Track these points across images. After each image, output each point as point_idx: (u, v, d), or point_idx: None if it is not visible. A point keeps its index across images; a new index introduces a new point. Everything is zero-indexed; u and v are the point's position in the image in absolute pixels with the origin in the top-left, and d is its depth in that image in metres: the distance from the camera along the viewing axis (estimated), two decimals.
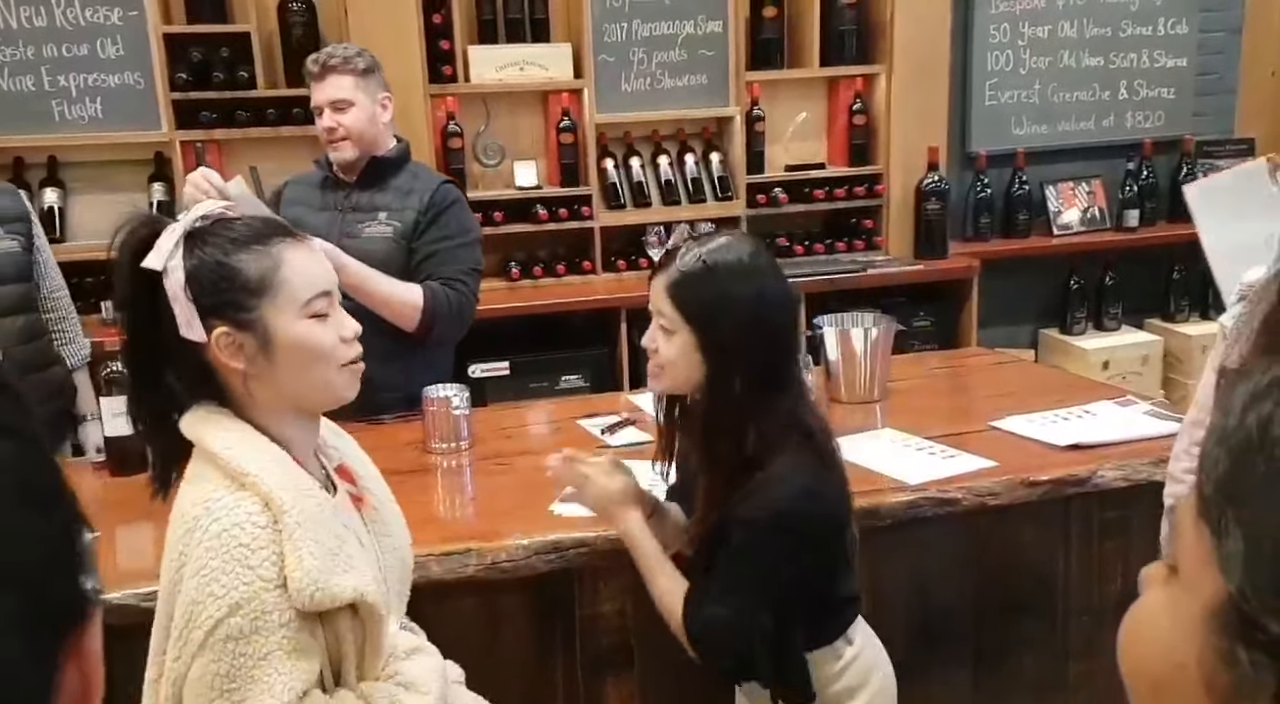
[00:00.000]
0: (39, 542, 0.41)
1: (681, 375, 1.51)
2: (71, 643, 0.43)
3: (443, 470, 2.18)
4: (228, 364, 1.24)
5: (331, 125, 2.46)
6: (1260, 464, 0.40)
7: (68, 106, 3.38)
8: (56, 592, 0.42)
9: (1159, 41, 4.37)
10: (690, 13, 3.77)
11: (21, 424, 0.42)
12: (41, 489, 0.42)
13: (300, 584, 1.16)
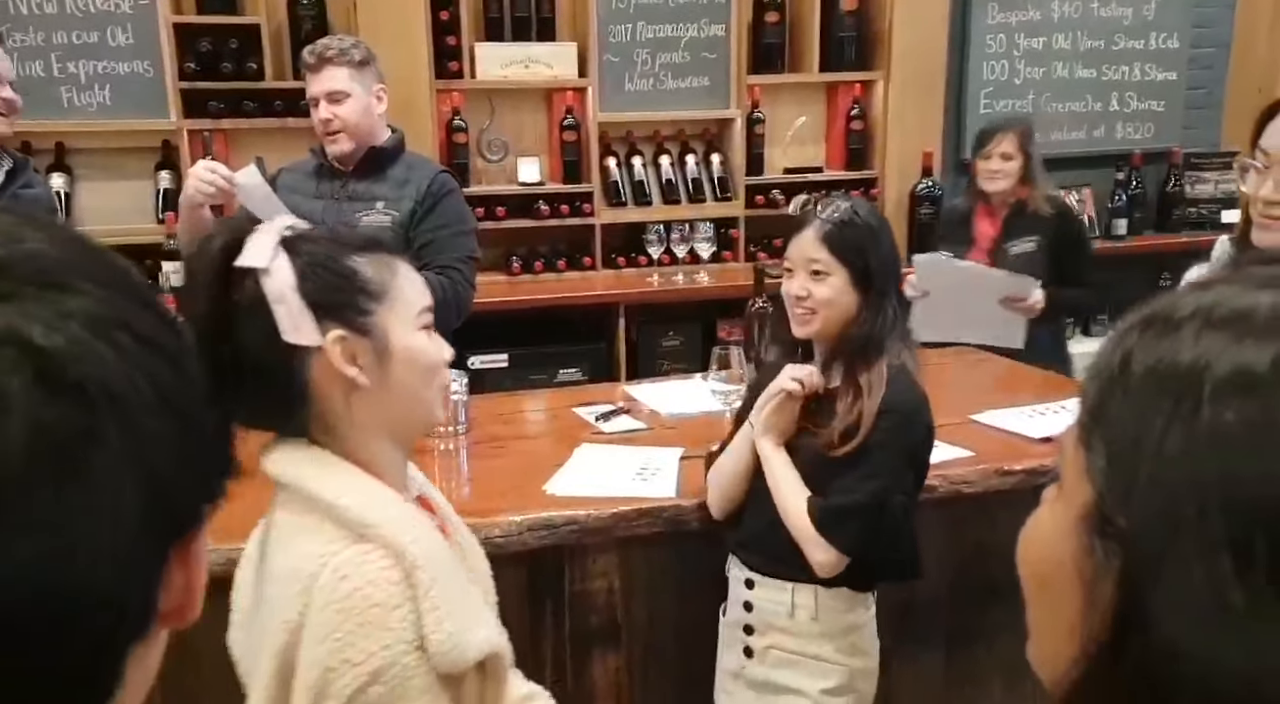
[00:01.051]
0: (171, 442, 0.43)
1: (837, 313, 1.70)
2: (183, 546, 0.46)
3: (440, 453, 2.23)
4: (338, 374, 1.10)
5: (327, 117, 2.49)
6: (1119, 392, 0.46)
7: (77, 93, 3.43)
8: (182, 495, 0.45)
9: (1150, 55, 4.45)
10: (694, 16, 3.83)
11: (166, 340, 0.45)
12: (181, 400, 0.44)
13: (444, 646, 1.05)
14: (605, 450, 2.17)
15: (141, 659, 0.45)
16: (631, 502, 1.91)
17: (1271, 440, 0.41)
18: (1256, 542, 0.40)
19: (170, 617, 0.46)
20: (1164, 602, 0.43)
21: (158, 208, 3.48)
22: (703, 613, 1.98)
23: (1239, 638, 0.40)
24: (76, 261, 0.43)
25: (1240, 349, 0.43)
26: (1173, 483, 0.43)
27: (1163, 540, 0.43)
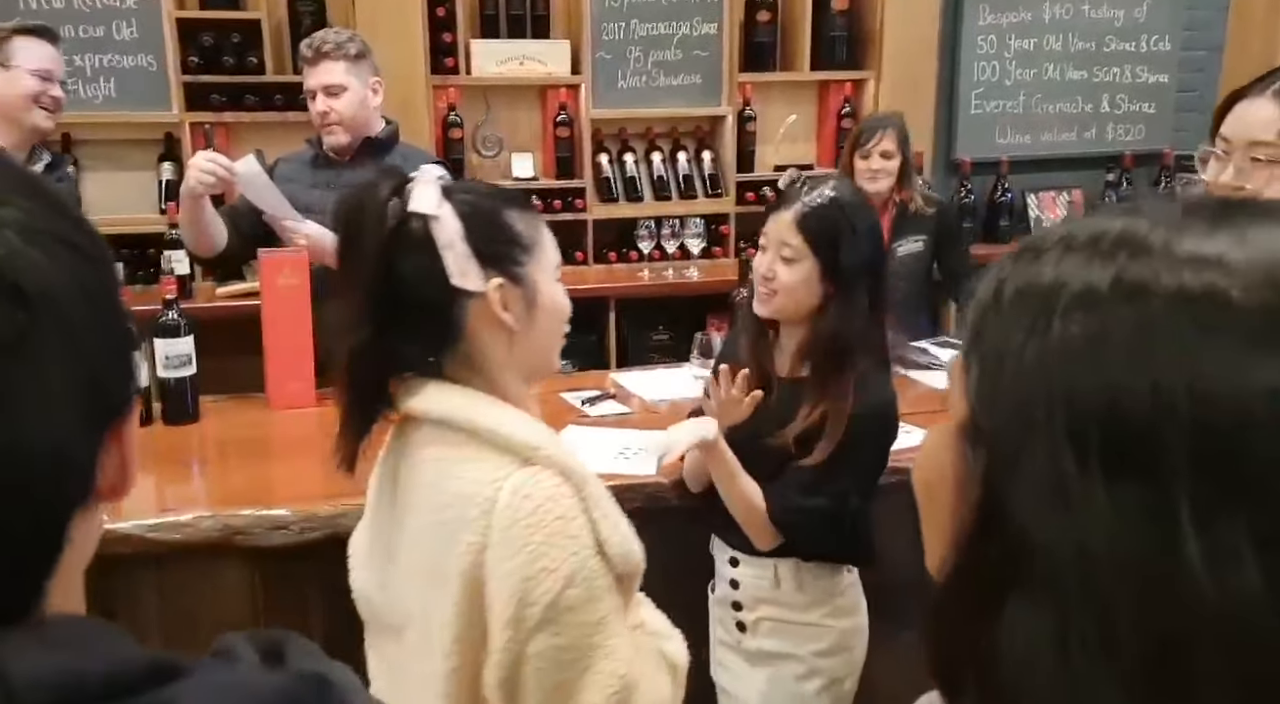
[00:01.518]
0: (98, 334, 0.50)
1: (795, 301, 1.70)
2: (116, 428, 0.52)
3: None
4: (493, 318, 1.18)
5: (324, 110, 2.55)
6: (993, 314, 0.52)
7: (82, 86, 3.50)
8: (111, 381, 0.51)
9: (1142, 58, 4.51)
10: (687, 14, 3.90)
11: (89, 247, 0.51)
12: (103, 295, 0.51)
13: (621, 549, 1.14)
14: (590, 432, 2.24)
15: (83, 527, 0.51)
16: (612, 478, 1.96)
17: (1107, 350, 0.46)
18: (1091, 436, 0.45)
19: (108, 492, 0.52)
20: (1017, 494, 0.48)
21: (160, 198, 3.55)
22: (687, 591, 2.02)
23: (1076, 521, 0.46)
24: (5, 180, 0.49)
25: (1089, 270, 0.49)
26: (1027, 389, 0.48)
27: (1018, 440, 0.48)
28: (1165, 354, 0.45)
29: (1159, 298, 0.46)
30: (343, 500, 1.86)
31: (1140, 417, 0.45)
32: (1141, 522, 0.44)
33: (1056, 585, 0.46)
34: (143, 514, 1.79)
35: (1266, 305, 0.44)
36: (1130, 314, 0.46)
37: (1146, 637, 0.44)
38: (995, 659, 0.48)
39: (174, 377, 2.26)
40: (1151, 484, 0.44)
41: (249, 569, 1.86)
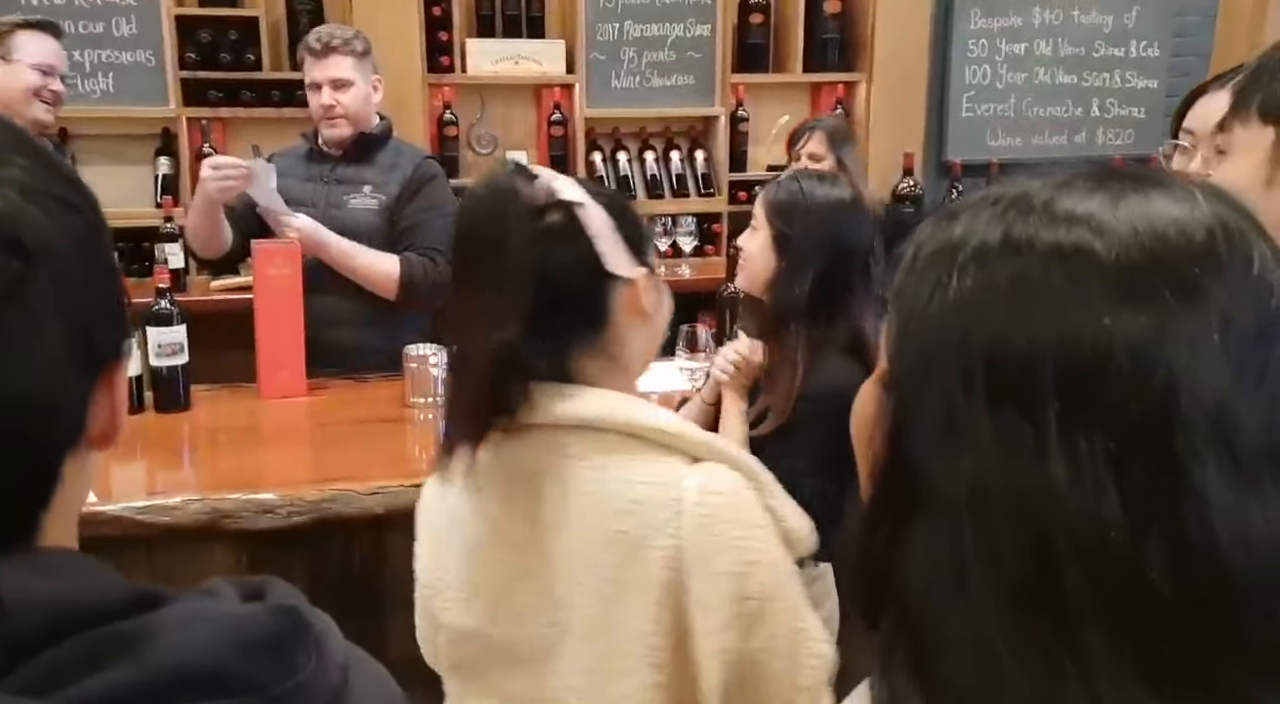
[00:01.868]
0: (90, 288, 0.53)
1: (754, 270, 1.78)
2: (105, 377, 0.55)
3: (418, 421, 2.33)
4: (635, 307, 1.15)
5: (331, 103, 2.59)
6: (909, 273, 0.57)
7: (81, 81, 3.54)
8: (103, 331, 0.54)
9: (1131, 63, 4.55)
10: (680, 16, 3.94)
11: (83, 206, 0.54)
12: (96, 251, 0.54)
13: (799, 533, 1.14)
14: None
15: (75, 468, 0.54)
16: None
17: (992, 300, 0.52)
18: (977, 375, 0.51)
19: (99, 438, 0.56)
20: (916, 431, 0.54)
21: (156, 192, 3.59)
22: None
23: (964, 450, 0.51)
24: (5, 141, 0.52)
25: (986, 228, 0.54)
26: (927, 338, 0.54)
27: (919, 383, 0.54)
28: (1038, 303, 0.51)
29: (1036, 253, 0.52)
30: (329, 486, 1.90)
31: (1018, 357, 0.50)
32: (1017, 447, 0.50)
33: (949, 510, 0.52)
34: (132, 497, 1.83)
35: (1129, 262, 0.50)
36: (1011, 268, 0.52)
37: (1023, 555, 0.49)
38: (904, 584, 0.53)
39: (166, 365, 2.30)
40: (1025, 413, 0.50)
41: (236, 552, 1.90)
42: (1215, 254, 0.50)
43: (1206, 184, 0.55)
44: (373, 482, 1.91)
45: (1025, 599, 0.49)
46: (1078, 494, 0.48)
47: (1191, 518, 0.48)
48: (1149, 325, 0.49)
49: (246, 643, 0.50)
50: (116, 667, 0.47)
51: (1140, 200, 0.52)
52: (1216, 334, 0.49)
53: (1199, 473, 0.48)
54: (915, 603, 0.53)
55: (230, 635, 0.50)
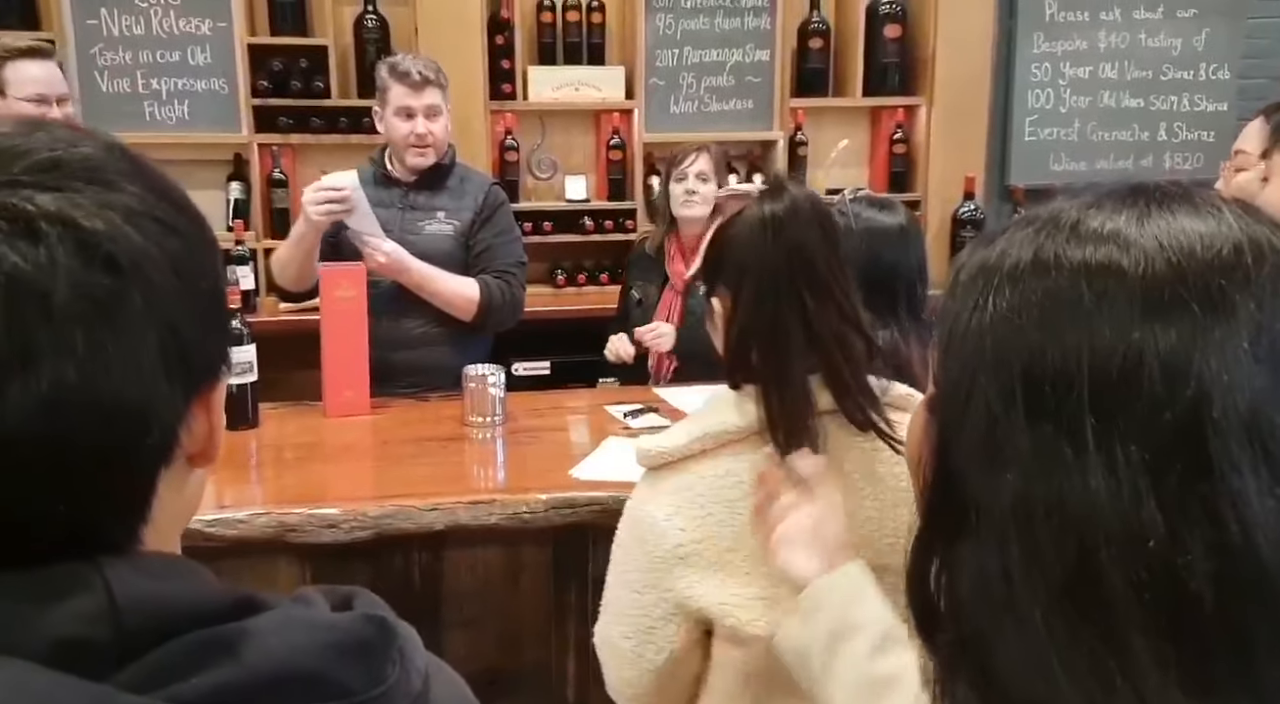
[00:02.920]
0: (186, 306, 0.54)
1: None
2: (204, 393, 0.57)
3: (477, 440, 2.36)
4: None
5: (424, 131, 2.64)
6: (951, 295, 0.59)
7: (158, 108, 3.67)
8: (199, 350, 0.55)
9: (1200, 86, 4.47)
10: (739, 42, 3.97)
11: (186, 228, 0.56)
12: (194, 271, 0.55)
13: None
14: (631, 443, 2.28)
15: (174, 484, 0.56)
16: None
17: (1026, 318, 0.54)
18: (1015, 391, 0.53)
19: (198, 456, 0.58)
20: (960, 448, 0.56)
21: (227, 215, 3.69)
22: None
23: (1005, 464, 0.53)
24: (119, 166, 0.55)
25: (1019, 249, 0.56)
26: (967, 357, 0.56)
27: (961, 402, 0.55)
28: (1069, 320, 0.52)
29: (1065, 271, 0.53)
30: (390, 502, 1.93)
31: (1052, 373, 0.52)
32: (1057, 461, 0.51)
33: (995, 526, 0.53)
34: (202, 511, 1.88)
35: (1156, 276, 0.51)
36: (1042, 286, 0.54)
37: (1068, 566, 0.50)
38: (956, 602, 0.54)
39: (236, 383, 2.35)
40: (1062, 428, 0.51)
41: (300, 565, 1.94)
42: (1242, 266, 0.51)
43: (1238, 201, 0.56)
44: (432, 498, 1.94)
45: (1072, 610, 0.50)
46: (1117, 504, 0.49)
47: (1230, 523, 0.48)
48: (1178, 337, 0.50)
49: (340, 649, 0.53)
50: (220, 668, 0.49)
51: (1166, 217, 0.53)
52: (1247, 343, 0.50)
53: (1235, 479, 0.49)
54: (969, 619, 0.54)
55: (325, 641, 0.52)
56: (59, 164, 0.53)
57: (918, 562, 0.59)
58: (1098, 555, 0.50)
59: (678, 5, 3.92)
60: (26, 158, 0.52)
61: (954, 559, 0.55)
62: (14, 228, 0.49)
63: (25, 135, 0.54)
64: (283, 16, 3.68)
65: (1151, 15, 4.36)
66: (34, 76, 2.43)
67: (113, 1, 3.59)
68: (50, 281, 0.49)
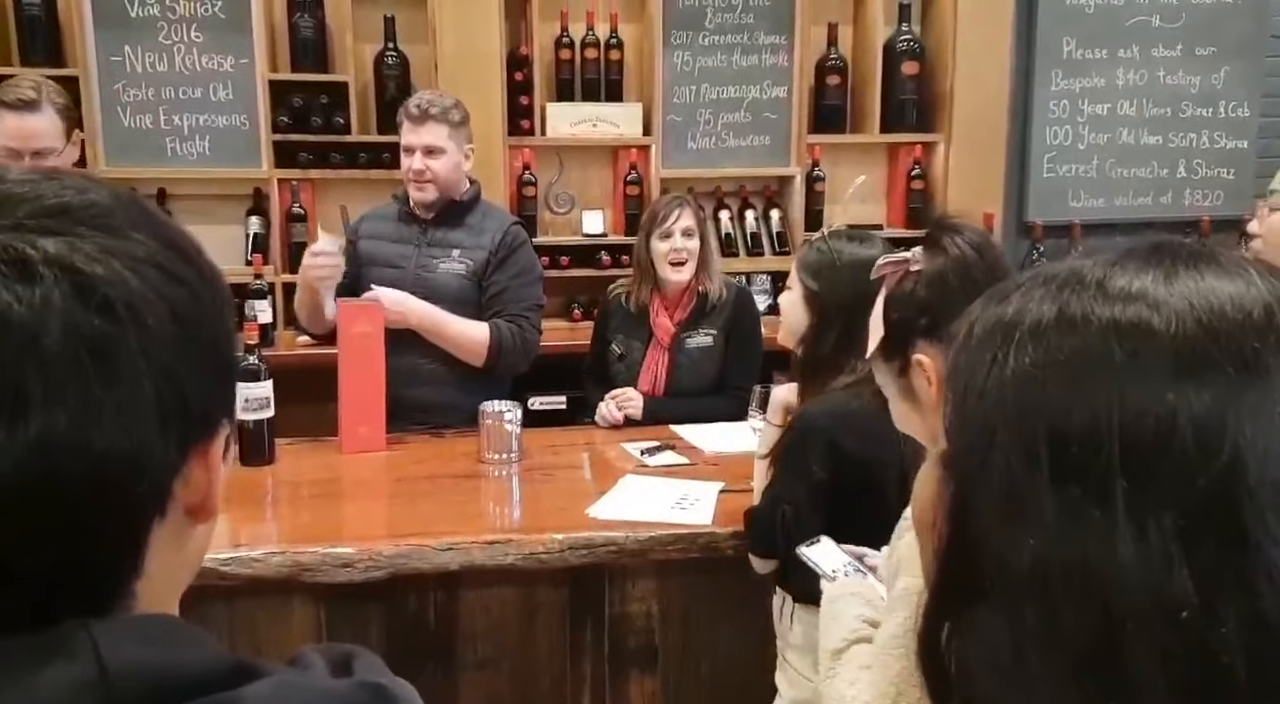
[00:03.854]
0: (186, 356, 0.53)
1: (791, 324, 1.91)
2: (202, 445, 0.55)
3: (493, 477, 2.34)
4: None
5: (421, 168, 2.65)
6: (964, 351, 0.57)
7: (179, 143, 3.70)
8: (197, 401, 0.54)
9: (1220, 123, 4.46)
10: (756, 79, 3.98)
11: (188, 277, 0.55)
12: (196, 321, 0.54)
13: None
14: (648, 481, 2.26)
15: (169, 538, 0.54)
16: (669, 527, 1.99)
17: (1052, 375, 0.52)
18: (1040, 450, 0.51)
19: (196, 512, 0.56)
20: (978, 508, 0.53)
21: (247, 249, 3.71)
22: (736, 640, 2.04)
23: (1027, 526, 0.51)
24: (128, 214, 0.54)
25: (1040, 306, 0.54)
26: (987, 414, 0.54)
27: (980, 459, 0.53)
28: (1098, 378, 0.50)
29: (1094, 328, 0.52)
30: (405, 541, 1.92)
31: (1080, 433, 0.50)
32: (1083, 524, 0.49)
33: (1011, 589, 0.51)
34: (216, 548, 1.86)
35: (1188, 336, 0.50)
36: (1069, 344, 0.52)
37: (1088, 636, 0.48)
38: (967, 668, 0.52)
39: (253, 419, 2.35)
40: (1090, 490, 0.49)
41: (315, 605, 1.92)
42: (1274, 328, 0.50)
43: (1261, 262, 0.55)
44: (447, 537, 1.92)
45: (1091, 683, 0.48)
46: (1146, 572, 0.47)
47: (1266, 595, 0.47)
48: (1212, 400, 0.48)
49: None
50: None
51: (1193, 277, 0.52)
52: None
53: (1272, 549, 0.47)
54: (980, 689, 0.52)
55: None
56: (66, 209, 0.52)
57: (929, 626, 0.56)
58: (1122, 625, 0.48)
59: (695, 42, 3.94)
60: (33, 203, 0.52)
61: (966, 624, 0.53)
62: (12, 269, 0.48)
63: (35, 182, 0.53)
64: (304, 53, 3.71)
65: (1170, 53, 4.36)
66: (15, 127, 2.45)
67: (137, 38, 3.63)
68: (43, 323, 0.48)
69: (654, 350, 2.86)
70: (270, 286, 3.63)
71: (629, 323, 2.90)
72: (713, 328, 2.83)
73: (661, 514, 2.05)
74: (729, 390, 2.80)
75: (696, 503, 2.12)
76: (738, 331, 2.85)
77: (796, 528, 1.73)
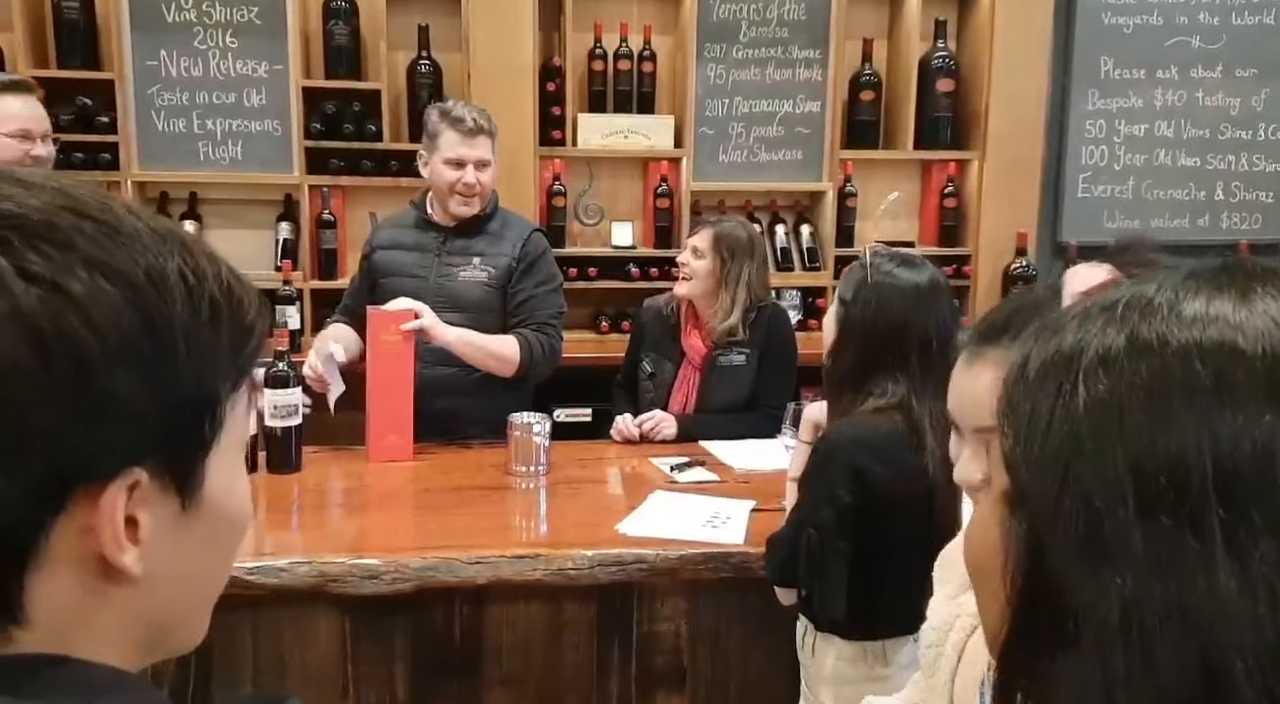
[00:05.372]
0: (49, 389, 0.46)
1: (824, 338, 1.89)
2: (84, 496, 0.48)
3: (520, 490, 2.31)
4: None
5: (472, 181, 2.61)
6: (1021, 385, 0.54)
7: (212, 148, 3.71)
8: (68, 441, 0.47)
9: (1259, 146, 4.39)
10: (790, 93, 3.96)
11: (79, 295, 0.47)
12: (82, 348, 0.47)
13: None
14: (678, 498, 2.23)
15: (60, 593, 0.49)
16: (700, 546, 1.96)
17: (1129, 405, 0.49)
18: (1124, 485, 0.48)
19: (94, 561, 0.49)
20: (1058, 550, 0.50)
21: (276, 255, 3.71)
22: (766, 661, 2.00)
23: (1116, 567, 0.47)
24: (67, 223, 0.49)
25: (1104, 334, 0.51)
26: (1058, 449, 0.50)
27: (1055, 498, 0.50)
28: (1183, 403, 0.47)
29: (1172, 352, 0.49)
30: (432, 553, 1.89)
31: (1168, 461, 0.47)
32: (1177, 558, 0.46)
33: (1099, 634, 0.47)
34: (241, 557, 1.84)
35: (1276, 357, 0.47)
36: (1148, 368, 0.49)
37: (1190, 674, 0.45)
38: None
39: (280, 426, 2.34)
40: (1184, 522, 0.46)
41: (340, 616, 1.89)
42: None
43: None
44: (474, 551, 1.90)
45: None
46: (1251, 607, 0.44)
47: None
48: None
49: None
50: None
51: (1271, 296, 0.50)
52: None
53: None
54: None
55: None
56: None
57: (1006, 680, 0.53)
58: (1229, 668, 0.44)
59: (729, 55, 3.92)
60: None
61: (1048, 676, 0.50)
62: None
63: None
64: (338, 60, 3.72)
65: (1210, 74, 4.30)
66: (16, 112, 2.37)
67: (173, 43, 3.65)
68: None
69: (685, 368, 2.83)
70: (299, 293, 3.62)
71: (661, 341, 2.87)
72: (745, 347, 2.79)
73: (692, 532, 2.01)
74: (761, 407, 2.76)
75: (728, 521, 2.08)
76: (771, 349, 2.81)
77: (823, 553, 1.70)
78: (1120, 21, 4.25)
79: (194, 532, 0.53)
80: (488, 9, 3.68)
